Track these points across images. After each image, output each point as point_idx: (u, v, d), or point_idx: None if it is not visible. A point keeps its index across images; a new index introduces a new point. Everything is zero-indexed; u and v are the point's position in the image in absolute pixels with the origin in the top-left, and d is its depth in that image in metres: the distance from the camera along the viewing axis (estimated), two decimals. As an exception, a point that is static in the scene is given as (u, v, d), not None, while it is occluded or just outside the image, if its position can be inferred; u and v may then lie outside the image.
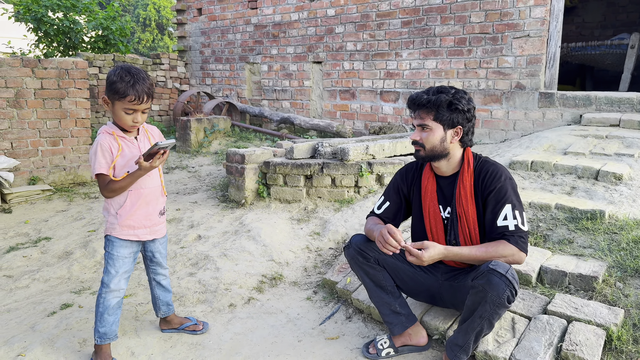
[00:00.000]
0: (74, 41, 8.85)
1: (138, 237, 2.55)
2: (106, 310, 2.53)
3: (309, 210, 4.48)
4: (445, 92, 2.35)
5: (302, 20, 7.88)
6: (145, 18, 23.09)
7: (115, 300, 2.55)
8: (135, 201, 2.50)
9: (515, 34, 5.69)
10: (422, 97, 2.37)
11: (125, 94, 2.31)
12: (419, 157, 2.47)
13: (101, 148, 2.40)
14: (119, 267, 2.52)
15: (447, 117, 2.35)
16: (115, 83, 2.32)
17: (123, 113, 2.37)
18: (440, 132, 2.38)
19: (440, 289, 2.56)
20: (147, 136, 2.60)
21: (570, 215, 3.38)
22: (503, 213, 2.31)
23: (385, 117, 7.03)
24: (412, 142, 2.47)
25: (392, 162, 4.57)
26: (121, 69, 2.37)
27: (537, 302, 2.67)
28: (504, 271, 2.13)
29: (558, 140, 4.73)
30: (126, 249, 2.54)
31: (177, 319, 2.88)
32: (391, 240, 2.23)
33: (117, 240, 2.52)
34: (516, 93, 5.79)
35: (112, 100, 2.36)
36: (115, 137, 2.44)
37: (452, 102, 2.34)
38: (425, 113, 2.38)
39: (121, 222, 2.49)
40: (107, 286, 2.52)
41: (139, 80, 2.34)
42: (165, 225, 2.74)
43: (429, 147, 2.40)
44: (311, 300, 3.22)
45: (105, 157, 2.40)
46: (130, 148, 2.49)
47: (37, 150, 5.68)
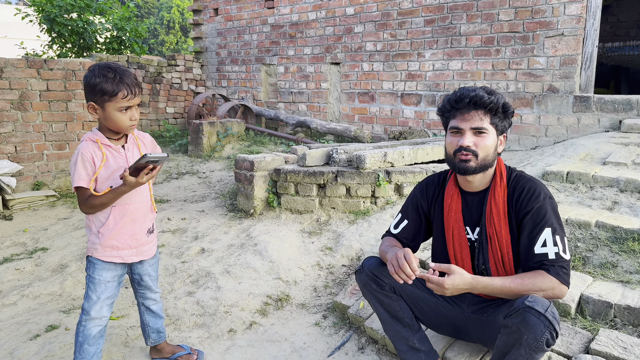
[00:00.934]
0: (87, 42, 8.69)
1: (122, 259, 2.27)
2: (86, 340, 2.25)
3: (321, 222, 4.15)
4: (497, 94, 2.04)
5: (320, 20, 7.57)
6: (169, 20, 23.15)
7: (97, 329, 2.26)
8: (119, 219, 2.21)
9: (547, 32, 5.27)
10: (484, 96, 1.99)
11: (115, 92, 2.07)
12: (469, 169, 2.03)
13: (82, 158, 2.11)
14: (100, 293, 2.24)
15: (501, 122, 2.04)
16: (100, 84, 2.06)
17: (118, 114, 2.11)
18: (494, 138, 2.04)
19: (466, 323, 2.21)
20: (137, 144, 2.31)
21: (613, 235, 2.99)
22: (542, 238, 1.96)
23: (406, 121, 6.66)
24: (460, 150, 2.03)
25: (413, 171, 4.22)
26: (99, 68, 2.11)
27: (578, 339, 2.31)
28: (543, 309, 1.78)
29: (596, 149, 4.32)
30: (109, 272, 2.25)
31: (168, 347, 2.59)
32: (406, 267, 1.89)
33: (99, 262, 2.23)
34: (548, 96, 5.37)
35: (102, 104, 2.09)
36: (100, 145, 2.16)
37: (506, 104, 2.03)
38: (484, 114, 2.02)
39: (103, 242, 2.20)
40: (87, 313, 2.24)
41: (124, 74, 2.11)
42: (155, 245, 2.44)
43: (483, 155, 2.01)
44: (320, 327, 2.90)
45: (86, 167, 2.12)
46: (116, 158, 2.20)
47: (42, 154, 5.48)
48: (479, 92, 2.01)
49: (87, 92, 2.11)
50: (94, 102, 2.11)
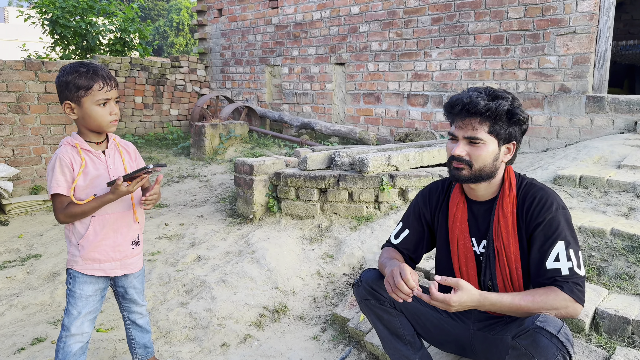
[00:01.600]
0: (90, 44, 8.61)
1: (105, 272, 2.13)
2: (66, 358, 2.11)
3: (322, 227, 3.99)
4: (504, 98, 1.82)
5: (325, 19, 7.42)
6: (178, 22, 23.16)
7: (78, 346, 2.13)
8: (99, 229, 2.07)
9: (559, 30, 5.08)
10: (480, 102, 1.79)
11: (91, 84, 1.96)
12: (461, 177, 1.88)
13: (60, 163, 1.98)
14: (81, 308, 2.10)
15: (505, 131, 1.83)
16: (74, 80, 1.96)
17: (96, 108, 1.98)
18: (494, 148, 1.84)
19: (472, 340, 2.04)
20: (119, 151, 2.17)
21: (630, 244, 2.81)
22: (554, 252, 1.79)
23: (412, 122, 6.49)
24: (452, 159, 1.89)
25: (418, 175, 4.05)
26: (70, 66, 2.00)
27: (593, 358, 2.15)
28: (556, 330, 1.62)
29: (610, 151, 4.12)
30: (90, 286, 2.11)
31: None
32: (402, 286, 1.74)
33: (80, 275, 2.09)
34: (560, 97, 5.17)
35: (78, 100, 1.97)
36: (79, 150, 2.02)
37: (513, 111, 1.81)
38: (478, 123, 1.82)
39: (84, 254, 2.07)
40: (67, 329, 2.11)
41: (97, 67, 2.01)
42: (141, 258, 2.28)
43: (479, 166, 1.85)
44: (318, 341, 2.74)
45: (65, 174, 1.99)
46: (96, 164, 2.07)
47: (40, 158, 5.37)
48: (475, 97, 1.82)
49: (61, 91, 2.00)
50: (69, 101, 1.99)
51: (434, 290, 1.71)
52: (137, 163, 2.25)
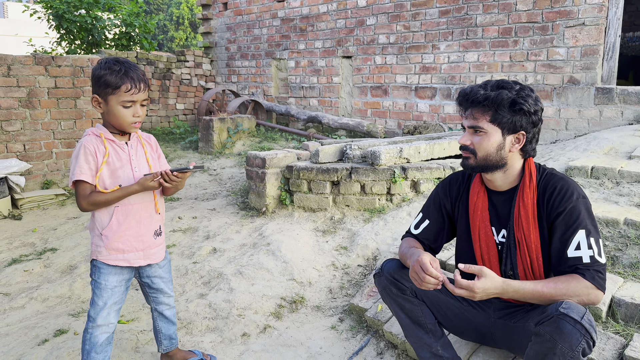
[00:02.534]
0: (96, 38, 8.62)
1: (129, 262, 2.16)
2: (93, 348, 2.16)
3: (335, 220, 4.03)
4: (508, 88, 1.86)
5: (331, 12, 7.42)
6: (178, 16, 23.10)
7: (104, 337, 2.17)
8: (122, 219, 2.11)
9: (568, 22, 5.09)
10: (478, 92, 1.87)
11: (119, 84, 1.98)
12: (468, 166, 1.97)
13: (84, 151, 2.02)
14: (107, 298, 2.14)
15: (508, 120, 1.86)
16: (105, 76, 1.99)
17: (120, 108, 2.01)
18: (497, 138, 1.89)
19: (492, 328, 2.08)
20: (141, 143, 2.21)
21: (644, 233, 2.84)
22: (575, 241, 1.82)
23: (420, 115, 6.51)
24: (460, 147, 1.99)
25: (429, 167, 4.08)
26: (107, 61, 2.04)
27: (611, 345, 2.18)
28: (579, 317, 1.65)
29: (620, 142, 4.15)
30: (115, 277, 2.15)
31: (180, 353, 2.50)
32: (428, 279, 1.78)
33: (105, 266, 2.13)
34: (569, 88, 5.19)
35: (105, 97, 2.01)
36: (103, 139, 2.07)
37: (515, 100, 1.84)
38: (480, 112, 1.88)
39: (108, 244, 2.11)
40: (93, 320, 2.15)
41: (130, 67, 2.03)
42: (164, 248, 2.33)
43: (482, 154, 1.91)
44: (336, 330, 2.78)
45: (89, 161, 2.03)
46: (120, 155, 2.11)
47: (51, 153, 5.41)
48: (476, 88, 1.90)
49: (93, 84, 2.05)
50: (97, 95, 2.03)
51: (459, 277, 1.75)
52: (159, 155, 2.30)
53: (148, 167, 2.19)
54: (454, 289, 1.75)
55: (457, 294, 1.75)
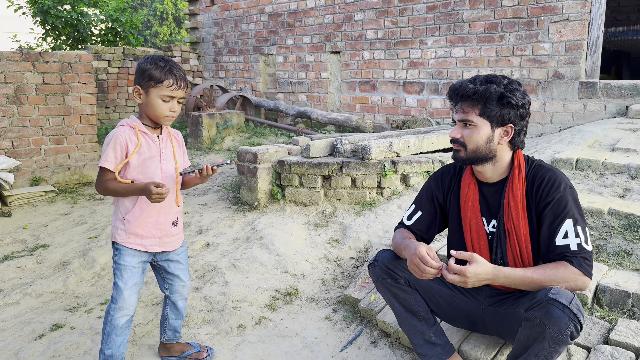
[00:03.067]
0: (82, 34, 8.55)
1: (145, 248, 2.27)
2: (114, 330, 2.24)
3: (327, 213, 4.08)
4: (496, 82, 1.93)
5: (319, 8, 7.45)
6: (162, 12, 22.88)
7: (125, 319, 2.26)
8: (145, 207, 2.23)
9: (552, 17, 5.18)
10: (468, 86, 1.94)
11: (162, 79, 2.12)
12: (459, 158, 2.05)
13: (115, 141, 2.15)
14: (127, 279, 2.24)
15: (496, 113, 1.93)
16: (150, 70, 2.12)
17: (160, 101, 2.15)
18: (486, 131, 1.95)
19: (483, 315, 2.15)
20: (170, 139, 2.32)
21: (627, 223, 2.94)
22: (563, 229, 1.89)
23: (408, 110, 6.58)
24: (451, 140, 2.06)
25: (419, 161, 4.15)
26: (153, 57, 2.19)
27: (597, 329, 2.27)
28: (567, 302, 1.72)
29: (604, 135, 4.25)
30: (134, 258, 2.26)
31: (178, 345, 2.54)
32: (428, 270, 1.84)
33: (124, 248, 2.24)
34: (554, 83, 5.30)
35: (147, 89, 2.14)
36: (137, 131, 2.19)
37: (503, 94, 1.91)
38: (469, 106, 1.95)
39: (128, 228, 2.22)
40: (116, 302, 2.24)
41: (174, 65, 2.18)
42: (181, 238, 2.43)
43: (472, 147, 1.98)
44: (330, 321, 2.84)
45: (116, 151, 2.15)
46: (150, 147, 2.22)
47: (39, 149, 5.38)
48: (465, 82, 1.97)
49: (137, 76, 2.17)
50: (140, 86, 2.15)
51: (452, 262, 1.81)
52: (184, 151, 2.41)
53: (174, 162, 2.30)
54: (447, 274, 1.81)
55: (449, 279, 1.81)
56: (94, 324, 2.83)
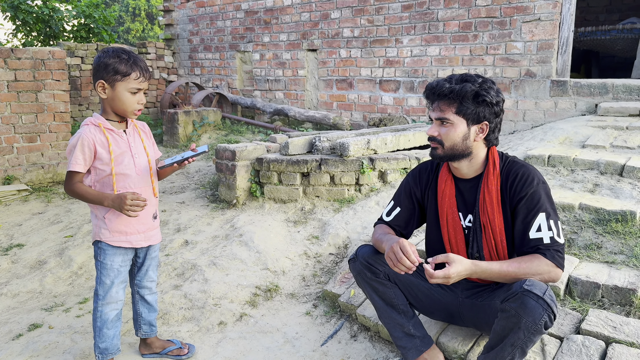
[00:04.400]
0: (54, 30, 8.38)
1: (131, 244, 2.26)
2: (105, 325, 2.26)
3: (306, 210, 4.11)
4: (471, 81, 1.99)
5: (296, 5, 7.46)
6: (134, 8, 22.52)
7: (114, 313, 2.28)
8: None
9: (525, 17, 5.31)
10: (444, 85, 1.99)
11: (129, 72, 2.10)
12: (436, 155, 2.10)
13: (82, 143, 2.11)
14: (114, 277, 2.24)
15: (472, 111, 1.99)
16: (114, 63, 2.09)
17: (128, 95, 2.12)
18: (462, 128, 2.01)
19: (460, 307, 2.21)
20: (138, 131, 2.31)
21: (597, 217, 3.04)
22: (536, 223, 1.97)
23: (385, 107, 6.65)
24: (428, 138, 2.11)
25: (396, 158, 4.21)
26: (113, 50, 2.14)
27: (569, 320, 2.35)
28: (541, 293, 1.79)
29: (574, 132, 4.38)
30: (119, 257, 2.25)
31: (159, 342, 2.54)
32: (405, 261, 1.88)
33: (109, 247, 2.22)
34: (526, 81, 5.43)
35: (113, 83, 2.10)
36: (103, 129, 2.15)
37: (478, 92, 1.97)
38: (446, 105, 2.01)
39: (112, 227, 2.20)
40: (102, 298, 2.24)
41: (137, 57, 2.16)
42: (159, 231, 2.43)
43: (449, 144, 2.04)
44: (311, 316, 2.88)
45: (85, 153, 2.12)
46: (119, 143, 2.20)
47: (11, 147, 5.27)
48: (441, 82, 2.03)
49: (99, 71, 2.12)
50: (104, 81, 2.11)
51: (433, 271, 1.84)
52: (152, 142, 2.40)
53: (146, 155, 2.28)
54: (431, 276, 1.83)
55: (434, 282, 1.85)
56: (72, 323, 2.81)
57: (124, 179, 2.19)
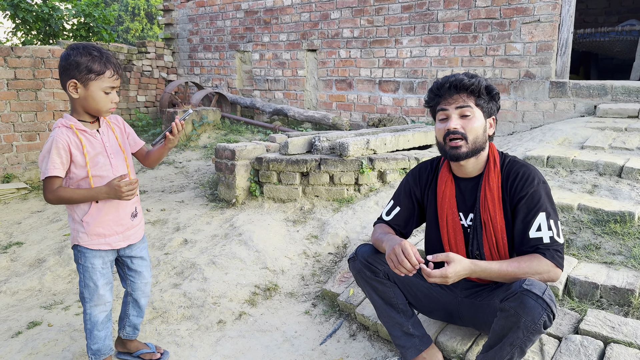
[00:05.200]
0: (54, 29, 8.37)
1: (110, 246, 2.22)
2: (95, 327, 2.24)
3: (305, 210, 4.12)
4: (478, 77, 2.03)
5: (296, 5, 7.47)
6: (134, 7, 22.51)
7: (103, 315, 2.25)
8: (102, 206, 2.15)
9: (524, 18, 5.32)
10: (464, 78, 2.00)
11: (102, 70, 2.02)
12: (461, 154, 2.01)
13: (56, 145, 2.03)
14: (97, 280, 2.20)
15: (486, 104, 2.03)
16: (87, 62, 2.00)
17: (101, 94, 2.05)
18: (482, 121, 2.03)
19: (459, 307, 2.22)
20: (111, 127, 2.24)
21: (595, 218, 3.05)
22: (536, 223, 1.97)
23: (384, 108, 6.66)
24: (448, 133, 2.01)
25: (395, 158, 4.22)
26: (83, 47, 2.04)
27: (567, 320, 2.35)
28: (541, 292, 1.80)
29: (573, 133, 4.39)
30: (100, 260, 2.20)
31: (135, 343, 2.51)
32: (406, 263, 1.88)
33: (88, 250, 2.17)
34: (525, 82, 5.44)
35: (86, 82, 2.01)
36: (75, 131, 2.08)
37: (489, 86, 2.02)
38: (466, 97, 2.01)
39: (89, 230, 2.14)
40: (90, 300, 2.21)
41: (109, 54, 2.07)
42: (142, 228, 2.38)
43: (473, 137, 1.99)
44: (310, 315, 2.88)
45: (61, 155, 2.04)
46: (93, 143, 2.12)
47: (11, 146, 5.27)
48: (459, 75, 2.03)
49: (69, 69, 2.02)
50: (76, 80, 2.02)
51: (430, 271, 1.85)
52: (128, 134, 2.32)
53: (122, 152, 2.22)
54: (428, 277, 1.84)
55: (431, 281, 1.86)
56: (72, 321, 2.81)
57: (100, 181, 2.12)
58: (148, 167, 2.39)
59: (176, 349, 2.58)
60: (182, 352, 2.56)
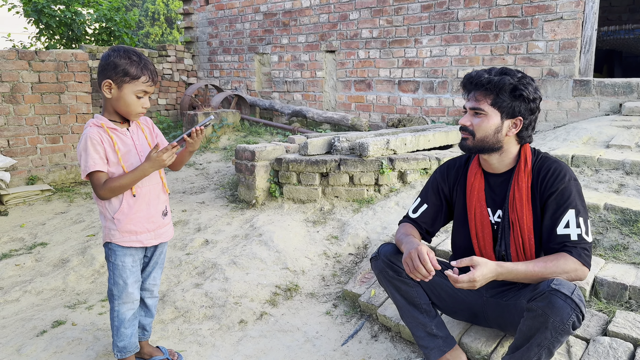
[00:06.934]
0: (76, 33, 8.52)
1: (142, 243, 2.24)
2: (122, 324, 2.26)
3: (325, 211, 4.10)
4: (511, 75, 1.98)
5: (314, 7, 7.47)
6: (154, 12, 22.80)
7: (131, 313, 2.27)
8: (132, 202, 2.17)
9: (546, 16, 5.24)
10: (482, 76, 1.98)
11: (138, 75, 2.05)
12: (465, 146, 2.07)
13: (92, 142, 2.06)
14: (126, 277, 2.22)
15: (507, 104, 1.97)
16: (125, 65, 2.04)
17: (134, 97, 2.08)
18: (496, 121, 1.99)
19: (485, 307, 2.18)
20: (141, 127, 2.27)
21: (623, 217, 2.98)
22: (565, 219, 1.93)
23: (403, 108, 6.62)
24: (460, 128, 2.09)
25: (416, 158, 4.18)
26: (124, 50, 2.08)
27: (595, 321, 2.30)
28: (569, 292, 1.75)
29: (598, 132, 4.31)
30: (130, 257, 2.23)
31: (148, 348, 2.49)
32: (421, 269, 1.86)
33: (119, 248, 2.20)
34: (548, 81, 5.35)
35: (121, 84, 2.05)
36: (106, 129, 2.11)
37: (516, 87, 1.96)
38: (482, 95, 1.99)
39: (121, 227, 2.17)
40: (118, 298, 2.23)
41: (147, 60, 2.11)
42: (171, 227, 2.41)
43: (480, 136, 2.01)
44: (331, 316, 2.86)
45: (99, 151, 2.07)
46: (124, 141, 2.16)
47: (35, 148, 5.36)
48: (481, 72, 2.01)
49: (107, 69, 2.06)
50: (112, 81, 2.06)
51: (457, 277, 1.82)
52: (156, 134, 2.36)
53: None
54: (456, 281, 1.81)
55: (459, 287, 1.83)
56: (95, 320, 2.84)
57: None
58: (172, 170, 2.41)
59: (198, 349, 2.58)
60: (204, 351, 2.56)
